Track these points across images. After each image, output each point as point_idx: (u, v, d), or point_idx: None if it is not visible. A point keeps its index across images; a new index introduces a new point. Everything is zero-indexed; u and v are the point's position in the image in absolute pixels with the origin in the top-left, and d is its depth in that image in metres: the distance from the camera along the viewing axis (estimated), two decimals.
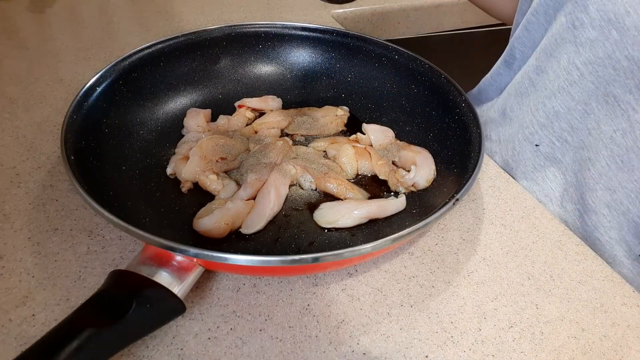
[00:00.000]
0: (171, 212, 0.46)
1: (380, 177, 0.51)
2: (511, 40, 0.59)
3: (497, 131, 0.61)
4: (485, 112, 0.64)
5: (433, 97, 0.56)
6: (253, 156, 0.51)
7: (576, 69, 0.46)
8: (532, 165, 0.53)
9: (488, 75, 0.65)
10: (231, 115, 0.58)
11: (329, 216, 0.46)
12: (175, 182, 0.49)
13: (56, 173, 0.50)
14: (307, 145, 0.55)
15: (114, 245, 0.43)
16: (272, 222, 0.46)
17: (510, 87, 0.59)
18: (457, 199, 0.40)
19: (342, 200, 0.48)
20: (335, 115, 0.58)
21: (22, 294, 0.39)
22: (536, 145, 0.52)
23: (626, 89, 0.43)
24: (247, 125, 0.57)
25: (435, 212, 0.39)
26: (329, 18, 0.88)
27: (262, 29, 0.62)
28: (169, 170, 0.50)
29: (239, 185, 0.48)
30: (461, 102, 0.52)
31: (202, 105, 0.58)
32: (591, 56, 0.45)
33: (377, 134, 0.55)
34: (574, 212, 0.51)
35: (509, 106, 0.58)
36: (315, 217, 0.47)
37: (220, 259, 0.34)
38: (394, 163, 0.53)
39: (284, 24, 0.62)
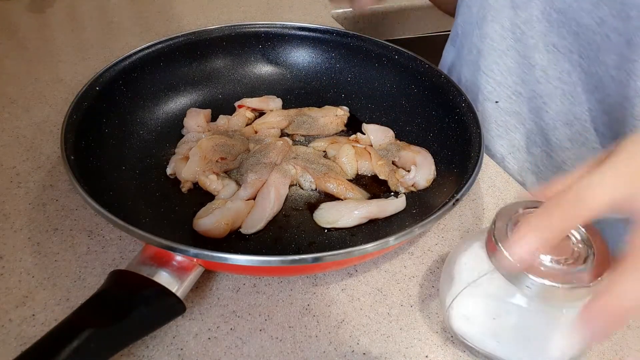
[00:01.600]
0: (171, 212, 0.46)
1: (380, 177, 0.51)
2: (455, 20, 0.66)
3: None
4: None
5: (433, 97, 0.56)
6: (253, 156, 0.51)
7: (518, 28, 0.53)
8: (495, 122, 0.59)
9: (442, 59, 0.72)
10: (231, 115, 0.58)
11: (329, 216, 0.46)
12: (175, 182, 0.49)
13: (56, 173, 0.50)
14: (307, 145, 0.55)
15: (114, 245, 0.43)
16: (272, 222, 0.46)
17: (457, 60, 0.65)
18: (457, 199, 0.40)
19: (342, 200, 0.48)
20: (335, 115, 0.58)
21: (22, 294, 0.39)
22: (496, 102, 0.59)
23: (561, 37, 0.50)
24: (247, 125, 0.57)
25: (435, 212, 0.39)
26: (329, 18, 0.88)
27: (262, 29, 0.62)
28: (169, 170, 0.50)
29: (239, 185, 0.48)
30: (461, 102, 0.52)
31: (202, 105, 0.58)
32: (528, 15, 0.52)
33: (377, 134, 0.55)
34: (541, 154, 0.57)
35: (463, 76, 0.64)
36: (315, 217, 0.47)
37: (220, 259, 0.34)
38: (394, 163, 0.53)
39: (284, 24, 0.62)
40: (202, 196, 0.48)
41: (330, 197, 0.49)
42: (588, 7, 0.46)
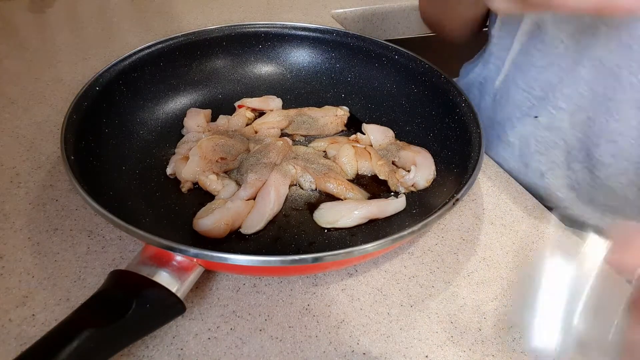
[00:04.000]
0: (171, 212, 0.46)
1: (380, 177, 0.51)
2: (490, 40, 0.63)
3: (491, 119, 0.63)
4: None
5: (433, 97, 0.56)
6: (253, 156, 0.51)
7: (561, 42, 0.51)
8: (535, 138, 0.57)
9: (467, 78, 0.69)
10: (231, 115, 0.58)
11: (329, 216, 0.46)
12: (175, 182, 0.49)
13: (56, 173, 0.50)
14: (307, 145, 0.55)
15: (114, 245, 0.43)
16: (272, 222, 0.46)
17: (488, 76, 0.64)
18: (457, 199, 0.40)
19: (342, 200, 0.48)
20: (335, 115, 0.58)
21: (22, 294, 0.39)
22: (535, 117, 0.56)
23: (608, 50, 0.48)
24: (247, 125, 0.57)
25: (435, 212, 0.39)
26: (329, 18, 0.88)
27: (262, 29, 0.62)
28: (169, 170, 0.50)
29: (239, 185, 0.48)
30: (461, 102, 0.52)
31: (202, 105, 0.58)
32: (572, 29, 0.50)
33: (377, 134, 0.55)
34: (583, 170, 0.55)
35: (498, 93, 0.62)
36: (315, 217, 0.47)
37: (220, 259, 0.34)
38: (394, 163, 0.53)
39: (284, 24, 0.62)
40: (202, 196, 0.48)
41: (330, 197, 0.49)
42: None
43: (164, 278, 0.35)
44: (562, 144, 0.55)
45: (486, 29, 0.66)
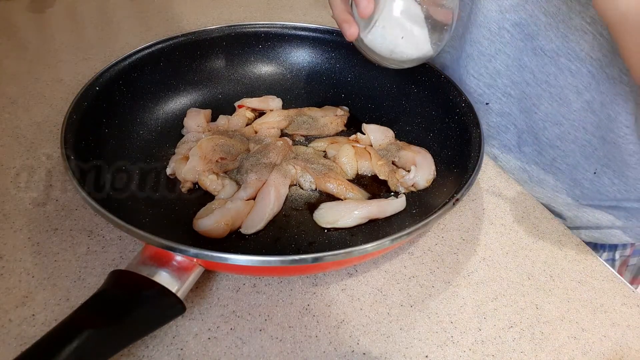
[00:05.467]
0: (171, 212, 0.46)
1: (380, 177, 0.51)
2: None
3: None
4: None
5: (433, 97, 0.56)
6: (253, 156, 0.51)
7: (507, 31, 0.54)
8: (487, 123, 0.61)
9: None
10: (231, 115, 0.58)
11: (329, 216, 0.46)
12: (175, 182, 0.49)
13: (56, 173, 0.50)
14: (307, 145, 0.55)
15: (114, 245, 0.43)
16: (272, 222, 0.46)
17: (449, 65, 0.66)
18: (457, 199, 0.40)
19: (342, 200, 0.48)
20: (335, 115, 0.58)
21: (22, 294, 0.39)
22: (486, 103, 0.60)
23: (548, 40, 0.51)
24: (247, 125, 0.57)
25: (435, 212, 0.39)
26: (329, 18, 0.87)
27: (262, 29, 0.62)
28: (169, 171, 0.50)
29: (239, 185, 0.48)
30: (461, 102, 0.52)
31: (202, 105, 0.58)
32: (516, 18, 0.53)
33: (377, 134, 0.55)
34: (533, 152, 0.59)
35: (455, 81, 0.64)
36: (315, 217, 0.47)
37: (220, 259, 0.34)
38: (394, 163, 0.53)
39: (284, 24, 0.62)
40: (202, 196, 0.48)
41: (330, 197, 0.49)
42: (578, 8, 0.47)
43: (164, 278, 0.35)
44: (512, 129, 0.59)
45: None
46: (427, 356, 0.37)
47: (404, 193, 0.49)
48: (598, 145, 0.53)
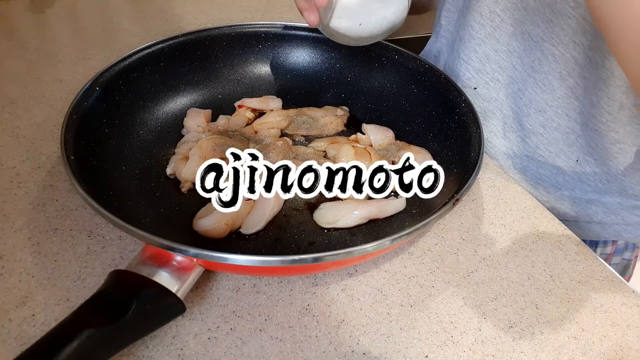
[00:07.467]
0: (171, 212, 0.46)
1: None
2: (438, 12, 0.68)
3: None
4: None
5: (433, 97, 0.56)
6: None
7: (497, 15, 0.55)
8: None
9: (424, 51, 0.73)
10: (231, 115, 0.58)
11: (329, 216, 0.46)
12: (175, 182, 0.49)
13: (56, 173, 0.50)
14: (307, 145, 0.55)
15: (114, 245, 0.43)
16: (272, 222, 0.46)
17: (441, 51, 0.68)
18: (457, 199, 0.40)
19: (342, 200, 0.48)
20: (335, 115, 0.58)
21: (22, 294, 0.39)
22: (474, 88, 0.60)
23: (535, 25, 0.52)
24: (247, 125, 0.57)
25: (435, 212, 0.39)
26: None
27: (262, 29, 0.62)
28: (169, 170, 0.50)
29: None
30: (461, 102, 0.52)
31: (202, 105, 0.58)
32: (507, 3, 0.53)
33: (377, 134, 0.55)
34: (517, 139, 0.59)
35: (445, 65, 0.67)
36: (315, 217, 0.47)
37: (220, 259, 0.34)
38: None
39: (284, 24, 0.62)
40: (202, 196, 0.47)
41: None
42: None
43: (164, 278, 0.35)
44: (499, 114, 0.60)
45: None
46: (427, 356, 0.37)
47: None
48: (581, 132, 0.54)
